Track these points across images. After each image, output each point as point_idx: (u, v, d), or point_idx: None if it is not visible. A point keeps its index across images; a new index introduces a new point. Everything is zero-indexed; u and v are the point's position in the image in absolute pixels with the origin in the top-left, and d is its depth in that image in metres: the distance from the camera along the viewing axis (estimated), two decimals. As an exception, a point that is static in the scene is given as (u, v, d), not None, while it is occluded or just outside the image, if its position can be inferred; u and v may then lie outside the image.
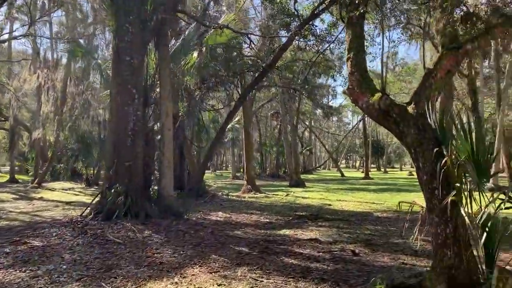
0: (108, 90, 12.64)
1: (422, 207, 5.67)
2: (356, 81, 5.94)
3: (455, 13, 7.78)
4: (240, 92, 16.42)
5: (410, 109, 5.41)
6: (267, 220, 11.14)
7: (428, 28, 21.65)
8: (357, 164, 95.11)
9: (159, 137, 11.57)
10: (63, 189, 22.76)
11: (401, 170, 73.37)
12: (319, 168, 64.27)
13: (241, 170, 36.84)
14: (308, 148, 48.21)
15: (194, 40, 11.48)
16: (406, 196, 18.21)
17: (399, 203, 5.92)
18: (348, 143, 69.99)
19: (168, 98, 10.46)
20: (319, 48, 14.22)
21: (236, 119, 26.78)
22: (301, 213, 12.35)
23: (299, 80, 16.85)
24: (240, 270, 6.12)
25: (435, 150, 4.85)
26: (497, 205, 4.25)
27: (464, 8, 8.43)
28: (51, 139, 26.88)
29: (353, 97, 5.93)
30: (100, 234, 8.40)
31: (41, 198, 17.85)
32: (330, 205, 14.77)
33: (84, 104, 24.19)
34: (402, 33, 20.15)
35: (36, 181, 24.00)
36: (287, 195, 18.75)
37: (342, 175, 44.60)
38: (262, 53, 15.09)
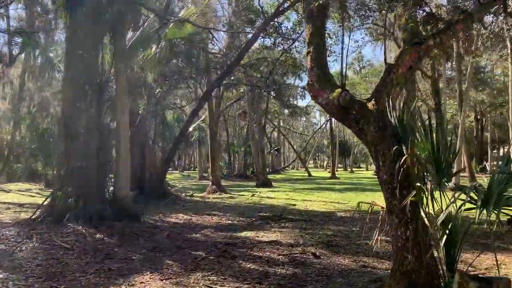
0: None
1: (382, 207, 5.48)
2: (316, 77, 5.69)
3: (417, 14, 7.71)
4: (204, 90, 15.96)
5: (370, 105, 5.19)
6: (229, 221, 10.79)
7: (393, 28, 21.94)
8: (325, 164, 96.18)
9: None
10: (19, 191, 21.65)
11: (367, 170, 74.57)
12: (287, 168, 64.41)
13: (208, 170, 36.32)
14: (276, 148, 48.16)
15: (152, 33, 10.98)
16: (370, 196, 18.28)
17: (358, 203, 5.69)
18: (316, 143, 70.57)
19: (124, 94, 9.94)
20: (284, 46, 13.99)
21: (202, 118, 26.30)
22: (265, 214, 12.06)
23: (267, 80, 16.59)
24: (194, 276, 5.75)
25: (395, 148, 4.65)
26: (458, 205, 4.07)
27: (427, 9, 8.39)
28: (8, 137, 25.58)
29: (313, 93, 5.67)
30: (47, 239, 7.82)
31: (-8, 200, 16.82)
32: (294, 205, 14.57)
33: (43, 101, 23.08)
34: (366, 34, 20.28)
35: (-11, 182, 22.72)
36: (252, 195, 18.46)
37: (310, 174, 44.76)
38: (227, 50, 14.72)
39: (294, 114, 16.26)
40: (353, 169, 66.11)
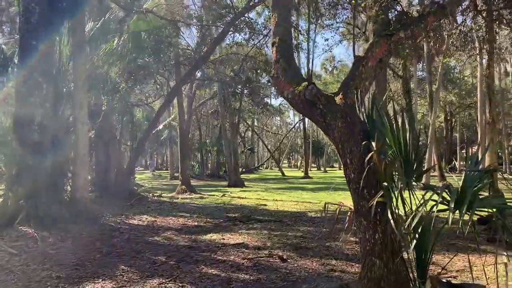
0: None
1: (350, 208, 5.18)
2: (282, 69, 5.32)
3: (389, 14, 7.47)
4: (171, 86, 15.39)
5: (338, 99, 4.87)
6: (195, 223, 10.33)
7: (365, 28, 21.91)
8: (299, 164, 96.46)
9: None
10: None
11: (340, 169, 75.17)
12: (261, 168, 64.16)
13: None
14: (249, 147, 47.80)
15: (114, 25, 10.40)
16: (341, 195, 18.13)
17: (325, 204, 5.37)
18: (289, 142, 70.58)
19: (83, 89, 9.35)
20: (255, 42, 13.63)
21: (173, 116, 25.65)
22: (233, 215, 11.67)
23: (236, 76, 16.15)
24: (149, 284, 5.31)
25: (363, 144, 4.34)
26: (429, 206, 3.78)
27: (398, 8, 8.17)
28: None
29: (278, 87, 5.31)
30: (-8, 244, 7.18)
31: None
32: (265, 205, 14.23)
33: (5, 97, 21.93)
34: (336, 33, 20.15)
35: None
36: (223, 195, 18.03)
37: (283, 174, 44.59)
38: (196, 46, 14.23)
39: (266, 112, 15.78)
40: (327, 169, 66.42)
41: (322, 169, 67.35)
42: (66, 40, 9.83)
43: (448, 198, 3.80)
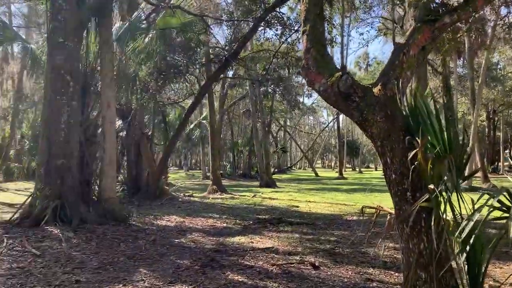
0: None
1: (390, 213, 4.65)
2: (313, 59, 4.85)
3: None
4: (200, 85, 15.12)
5: (376, 91, 4.36)
6: (224, 224, 9.99)
7: (402, 22, 20.99)
8: (333, 164, 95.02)
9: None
10: (16, 190, 21.06)
11: (376, 170, 73.46)
12: (293, 168, 63.53)
13: (212, 169, 35.50)
14: (281, 147, 47.28)
15: (142, 22, 10.22)
16: (378, 197, 17.38)
17: (362, 208, 4.86)
18: (323, 142, 69.52)
19: (110, 87, 9.19)
20: (287, 37, 13.15)
21: (204, 115, 25.52)
22: (264, 216, 11.26)
23: (266, 72, 15.69)
24: (171, 291, 4.97)
25: (406, 141, 3.83)
26: (482, 211, 3.23)
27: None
28: (6, 135, 25.06)
29: (309, 78, 4.83)
30: (18, 244, 7.08)
31: (-16, 200, 16.26)
32: (297, 206, 13.74)
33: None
34: (372, 27, 19.36)
35: (-14, 181, 22.22)
36: (254, 196, 17.66)
37: (316, 174, 43.88)
38: (226, 43, 13.91)
39: (298, 111, 15.16)
40: (362, 169, 64.91)
41: (357, 169, 65.91)
42: (94, 37, 9.72)
43: (508, 203, 3.25)
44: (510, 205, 3.19)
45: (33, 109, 25.48)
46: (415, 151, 3.52)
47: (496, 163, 43.80)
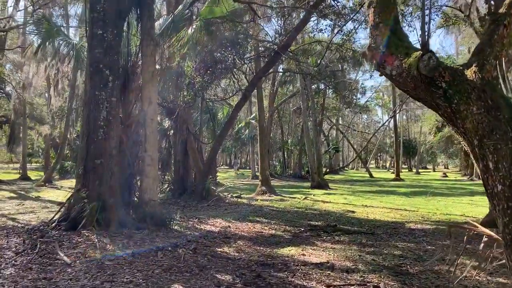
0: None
1: (490, 235, 3.55)
2: (382, 36, 3.87)
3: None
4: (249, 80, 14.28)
5: (469, 74, 3.31)
6: (273, 231, 9.11)
7: (469, 10, 19.07)
8: (388, 164, 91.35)
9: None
10: (69, 188, 21.44)
11: (434, 171, 69.62)
12: (346, 168, 61.49)
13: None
14: (334, 147, 45.65)
15: (186, 13, 9.55)
16: (442, 202, 15.80)
17: (449, 228, 3.81)
18: (378, 142, 66.81)
19: (152, 82, 8.60)
20: (341, 26, 12.03)
21: (254, 114, 24.78)
22: (316, 223, 10.27)
23: (319, 65, 14.57)
24: (207, 318, 4.16)
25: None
26: None
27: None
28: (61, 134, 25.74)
29: (377, 60, 3.84)
30: (50, 250, 6.60)
31: (37, 198, 16.50)
32: (353, 212, 12.60)
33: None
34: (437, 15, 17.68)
35: (42, 179, 22.84)
36: (305, 198, 16.66)
37: (371, 175, 41.93)
38: (276, 34, 13.01)
39: (352, 109, 14.01)
40: (419, 170, 61.62)
41: (414, 170, 62.67)
42: (135, 29, 9.19)
43: None
44: None
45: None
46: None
47: None
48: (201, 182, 14.04)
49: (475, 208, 13.94)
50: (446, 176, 43.03)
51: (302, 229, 9.31)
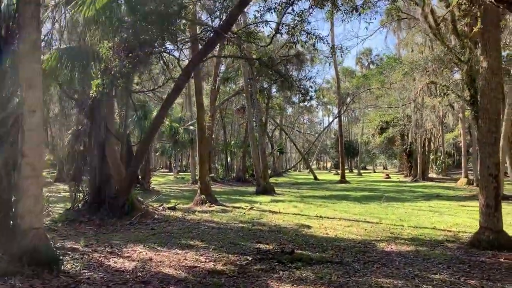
0: None
1: None
2: None
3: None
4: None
5: None
6: (211, 264, 6.70)
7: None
8: (328, 166, 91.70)
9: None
10: None
11: (374, 172, 70.42)
12: (290, 170, 60.33)
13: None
14: (279, 148, 44.04)
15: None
16: (401, 209, 14.21)
17: None
18: (319, 143, 66.35)
19: (33, 56, 5.93)
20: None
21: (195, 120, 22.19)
22: (267, 246, 8.02)
23: (268, 45, 12.34)
24: None
25: None
26: None
27: None
28: None
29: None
30: None
31: None
32: (309, 227, 10.50)
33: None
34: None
35: None
36: (250, 208, 14.39)
37: (315, 178, 40.72)
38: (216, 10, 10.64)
39: (305, 99, 12.18)
40: (360, 171, 61.83)
41: (355, 171, 62.80)
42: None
43: None
44: None
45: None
46: None
47: None
48: (123, 194, 11.32)
49: (440, 217, 12.43)
50: (389, 177, 42.79)
51: (250, 259, 6.99)
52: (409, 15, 22.30)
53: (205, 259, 7.02)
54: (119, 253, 7.29)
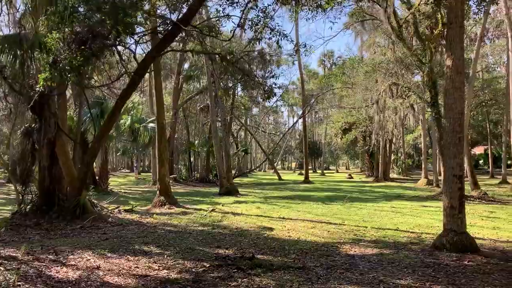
0: None
1: None
2: None
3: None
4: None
5: None
6: (164, 272, 6.20)
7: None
8: (293, 166, 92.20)
9: None
10: None
11: (337, 172, 71.39)
12: (255, 170, 60.11)
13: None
14: (243, 148, 43.66)
15: None
16: (364, 210, 14.15)
17: None
18: (284, 144, 66.59)
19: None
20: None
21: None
22: (226, 251, 7.60)
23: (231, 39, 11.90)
24: None
25: None
26: None
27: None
28: None
29: None
30: None
31: None
32: (271, 229, 10.16)
33: None
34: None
35: None
36: (212, 210, 13.91)
37: (280, 178, 40.64)
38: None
39: (269, 96, 11.90)
40: (323, 171, 62.49)
41: (320, 171, 63.40)
42: None
43: None
44: None
45: None
46: None
47: None
48: (74, 196, 10.58)
49: (403, 218, 12.41)
50: (352, 178, 43.34)
51: (208, 266, 6.54)
52: (373, 16, 22.43)
53: (158, 266, 6.52)
54: (63, 261, 6.66)
